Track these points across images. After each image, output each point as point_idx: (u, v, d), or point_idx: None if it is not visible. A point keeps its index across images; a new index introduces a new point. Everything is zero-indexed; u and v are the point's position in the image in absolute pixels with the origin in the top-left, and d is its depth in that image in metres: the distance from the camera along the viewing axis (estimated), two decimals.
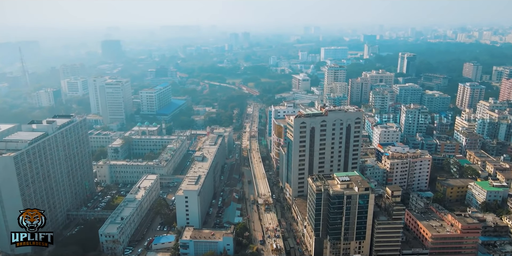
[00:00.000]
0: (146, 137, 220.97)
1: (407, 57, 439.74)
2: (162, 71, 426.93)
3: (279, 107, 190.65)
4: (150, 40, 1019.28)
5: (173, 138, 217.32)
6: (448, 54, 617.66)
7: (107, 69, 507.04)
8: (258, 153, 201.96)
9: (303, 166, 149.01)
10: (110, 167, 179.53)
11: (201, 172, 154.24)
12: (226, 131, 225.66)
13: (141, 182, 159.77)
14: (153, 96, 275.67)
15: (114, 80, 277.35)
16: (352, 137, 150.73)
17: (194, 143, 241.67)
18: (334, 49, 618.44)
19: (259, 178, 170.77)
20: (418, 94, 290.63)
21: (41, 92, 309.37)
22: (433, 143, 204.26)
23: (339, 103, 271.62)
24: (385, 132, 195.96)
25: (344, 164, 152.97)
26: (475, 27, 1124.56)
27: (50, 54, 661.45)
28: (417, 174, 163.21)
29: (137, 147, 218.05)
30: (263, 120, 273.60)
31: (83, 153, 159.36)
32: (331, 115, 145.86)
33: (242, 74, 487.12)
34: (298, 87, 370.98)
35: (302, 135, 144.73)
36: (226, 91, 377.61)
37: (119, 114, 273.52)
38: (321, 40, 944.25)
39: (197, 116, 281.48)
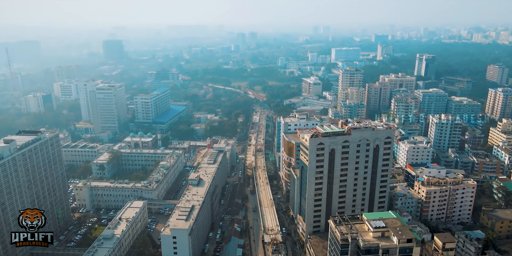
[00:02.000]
0: (137, 151, 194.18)
1: (425, 58, 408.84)
2: (163, 73, 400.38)
3: (290, 119, 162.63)
4: (155, 40, 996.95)
5: (167, 152, 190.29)
6: (466, 56, 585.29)
7: (107, 70, 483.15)
8: (264, 172, 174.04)
9: (319, 196, 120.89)
10: (90, 190, 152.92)
11: (195, 202, 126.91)
12: (228, 143, 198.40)
13: (124, 211, 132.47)
14: (149, 102, 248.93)
15: (106, 85, 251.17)
16: (381, 161, 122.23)
17: (192, 156, 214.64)
18: (346, 49, 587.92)
19: (265, 206, 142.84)
20: (444, 101, 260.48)
21: (29, 97, 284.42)
22: (469, 161, 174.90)
23: (356, 111, 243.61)
24: (415, 149, 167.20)
25: (370, 194, 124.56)
26: (489, 27, 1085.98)
27: (51, 55, 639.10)
28: (458, 204, 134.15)
29: (126, 163, 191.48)
30: (270, 130, 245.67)
31: (54, 176, 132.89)
32: (355, 134, 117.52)
33: (249, 76, 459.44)
34: (308, 91, 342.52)
35: (320, 159, 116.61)
36: (230, 95, 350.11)
37: (112, 122, 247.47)
38: (330, 41, 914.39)
39: (197, 125, 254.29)
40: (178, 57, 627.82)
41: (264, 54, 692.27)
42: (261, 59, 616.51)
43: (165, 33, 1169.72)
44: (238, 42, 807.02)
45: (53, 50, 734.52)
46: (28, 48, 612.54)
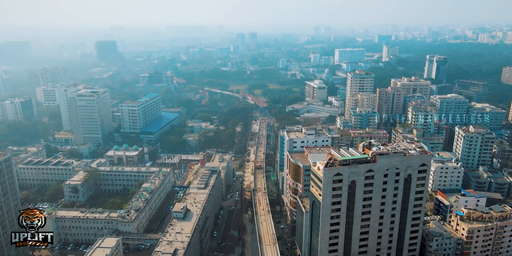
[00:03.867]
0: (118, 168, 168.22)
1: (436, 60, 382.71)
2: (156, 76, 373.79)
3: (295, 135, 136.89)
4: (153, 40, 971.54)
5: (153, 170, 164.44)
6: (475, 57, 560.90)
7: (98, 73, 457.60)
8: (265, 196, 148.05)
9: (336, 239, 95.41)
10: (56, 222, 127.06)
11: (179, 243, 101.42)
12: (224, 159, 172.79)
13: (91, 253, 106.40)
14: (136, 110, 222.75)
15: (89, 90, 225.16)
16: (413, 194, 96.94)
17: (183, 173, 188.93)
18: (350, 50, 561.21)
19: (266, 244, 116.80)
20: (463, 108, 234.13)
21: (6, 103, 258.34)
22: (505, 182, 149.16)
23: (367, 120, 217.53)
24: (443, 169, 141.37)
25: (399, 235, 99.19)
26: (493, 27, 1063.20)
27: (42, 56, 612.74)
28: (506, 244, 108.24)
29: (105, 182, 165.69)
30: (272, 141, 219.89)
31: (5, 209, 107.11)
32: (382, 161, 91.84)
33: (248, 79, 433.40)
34: (312, 96, 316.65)
35: (337, 193, 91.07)
36: (228, 100, 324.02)
37: (95, 133, 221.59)
38: (332, 41, 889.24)
39: (190, 135, 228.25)
40: (175, 59, 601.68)
41: (264, 55, 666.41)
42: (261, 61, 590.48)
43: (163, 34, 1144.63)
44: (237, 43, 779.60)
45: (46, 50, 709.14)
46: (17, 49, 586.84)
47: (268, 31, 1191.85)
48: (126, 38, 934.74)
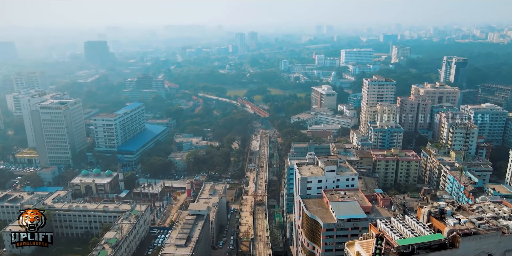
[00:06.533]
0: (78, 206, 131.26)
1: (455, 62, 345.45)
2: (145, 81, 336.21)
3: (309, 170, 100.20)
4: (149, 40, 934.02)
5: (124, 209, 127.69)
6: (490, 57, 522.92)
7: (83, 76, 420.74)
8: (268, 247, 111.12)
9: None
10: None
11: None
12: (216, 191, 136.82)
13: None
14: (113, 125, 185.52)
15: (56, 101, 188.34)
16: None
17: (166, 206, 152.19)
18: (357, 51, 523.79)
19: None
20: (502, 121, 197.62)
21: None
22: None
23: (390, 138, 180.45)
24: None
25: None
26: (499, 26, 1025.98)
27: (28, 58, 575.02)
28: None
29: (62, 224, 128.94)
30: (275, 163, 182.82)
31: None
32: (468, 245, 54.97)
33: (247, 82, 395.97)
34: (320, 103, 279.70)
35: None
36: (225, 109, 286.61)
37: (63, 152, 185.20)
38: (336, 41, 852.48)
39: (178, 154, 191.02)
40: (168, 60, 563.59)
41: (265, 56, 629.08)
42: (262, 62, 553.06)
43: (160, 34, 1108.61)
44: (236, 43, 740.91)
45: (35, 51, 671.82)
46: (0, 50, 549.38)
47: (268, 31, 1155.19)
48: (122, 38, 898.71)
